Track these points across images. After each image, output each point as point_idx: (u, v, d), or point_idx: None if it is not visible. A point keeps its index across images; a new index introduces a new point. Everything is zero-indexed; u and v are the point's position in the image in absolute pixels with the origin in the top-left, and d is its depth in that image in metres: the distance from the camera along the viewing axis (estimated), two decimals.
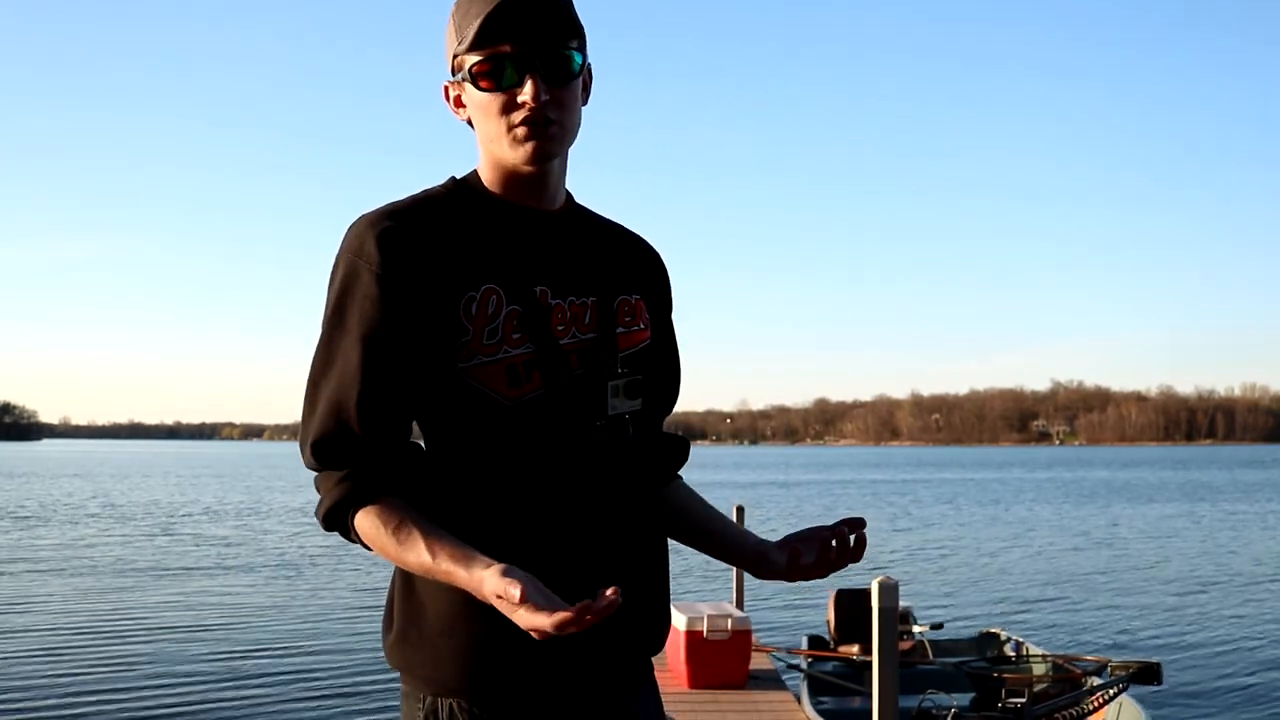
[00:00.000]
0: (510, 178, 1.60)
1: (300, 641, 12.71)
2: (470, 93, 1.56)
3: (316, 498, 1.55)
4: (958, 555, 23.87)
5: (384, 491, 1.50)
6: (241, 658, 11.68)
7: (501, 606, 1.36)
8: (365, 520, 1.50)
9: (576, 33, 1.55)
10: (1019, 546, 25.83)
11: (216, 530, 28.38)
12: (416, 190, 1.61)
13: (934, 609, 14.63)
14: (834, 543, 1.58)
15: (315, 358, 1.54)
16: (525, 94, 1.51)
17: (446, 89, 1.62)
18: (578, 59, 1.55)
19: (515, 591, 1.31)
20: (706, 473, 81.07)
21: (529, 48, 1.51)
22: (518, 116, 1.52)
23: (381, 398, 1.50)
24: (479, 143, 1.61)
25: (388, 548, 1.49)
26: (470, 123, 1.60)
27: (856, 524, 1.57)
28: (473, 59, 1.53)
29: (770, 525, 31.24)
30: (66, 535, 26.67)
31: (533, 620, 1.31)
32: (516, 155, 1.55)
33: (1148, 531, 30.19)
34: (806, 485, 61.43)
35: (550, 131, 1.53)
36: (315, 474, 1.55)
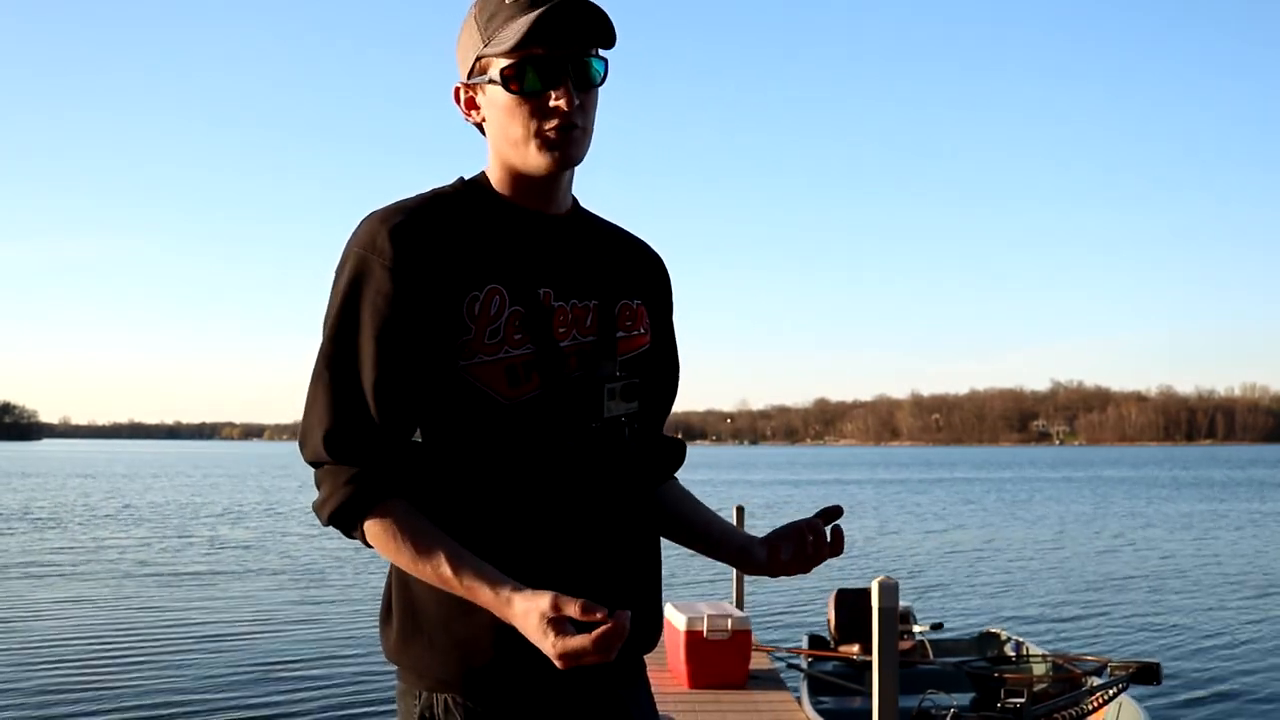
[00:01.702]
0: (521, 181, 1.60)
1: (321, 644, 12.63)
2: (495, 95, 1.55)
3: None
4: (959, 555, 23.84)
5: (392, 493, 1.50)
6: (261, 660, 11.64)
7: (539, 632, 1.35)
8: (376, 526, 1.50)
9: (608, 39, 1.55)
10: (1021, 546, 25.79)
11: (237, 533, 28.14)
12: (422, 190, 1.61)
13: (935, 608, 14.64)
14: (811, 538, 1.61)
15: (322, 350, 1.53)
16: (559, 99, 1.51)
17: (458, 91, 1.61)
18: (603, 66, 1.56)
19: (576, 609, 1.32)
20: (714, 472, 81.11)
21: (563, 52, 1.51)
22: (550, 122, 1.52)
23: (394, 391, 1.51)
24: (491, 145, 1.60)
25: (400, 555, 1.49)
26: (480, 126, 1.60)
27: (833, 513, 1.62)
28: (504, 61, 1.52)
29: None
30: (83, 537, 26.40)
31: (573, 643, 1.32)
32: (541, 161, 1.55)
33: (1150, 532, 30.15)
34: (819, 485, 61.39)
35: (574, 136, 1.54)
36: (318, 468, 1.53)
